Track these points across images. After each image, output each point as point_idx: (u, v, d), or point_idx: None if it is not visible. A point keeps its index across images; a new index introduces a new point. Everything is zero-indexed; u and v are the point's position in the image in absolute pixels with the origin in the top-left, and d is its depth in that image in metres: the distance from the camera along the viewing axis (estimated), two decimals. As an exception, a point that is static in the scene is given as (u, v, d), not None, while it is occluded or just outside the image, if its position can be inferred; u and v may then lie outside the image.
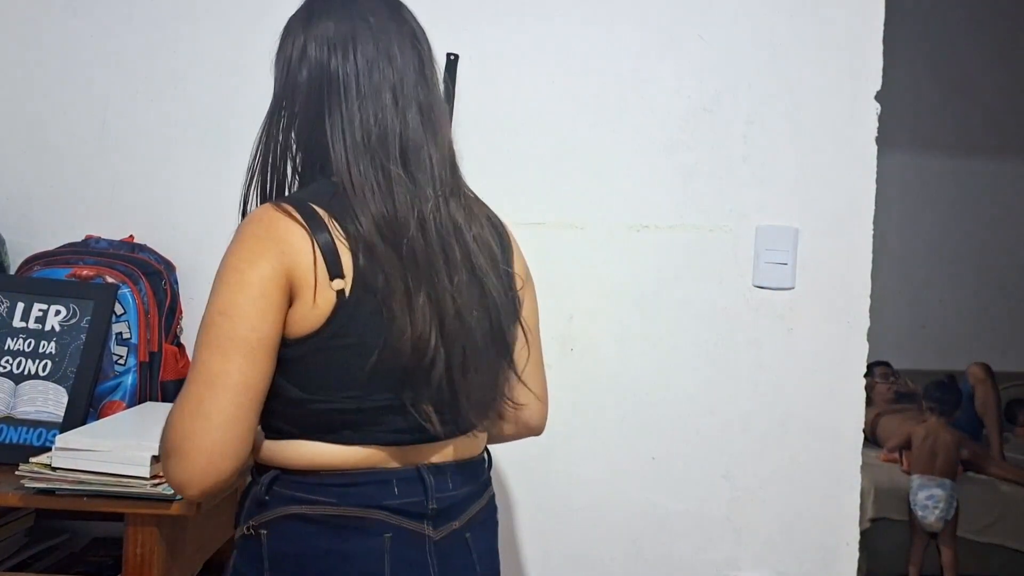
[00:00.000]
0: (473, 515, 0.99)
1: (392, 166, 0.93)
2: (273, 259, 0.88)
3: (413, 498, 0.93)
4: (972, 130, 4.41)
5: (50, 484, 1.18)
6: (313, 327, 0.89)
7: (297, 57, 0.98)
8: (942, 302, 4.39)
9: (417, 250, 0.91)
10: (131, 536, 1.19)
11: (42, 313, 1.42)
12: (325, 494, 0.91)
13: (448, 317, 0.92)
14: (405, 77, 0.96)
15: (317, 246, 0.89)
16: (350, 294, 0.89)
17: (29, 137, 1.64)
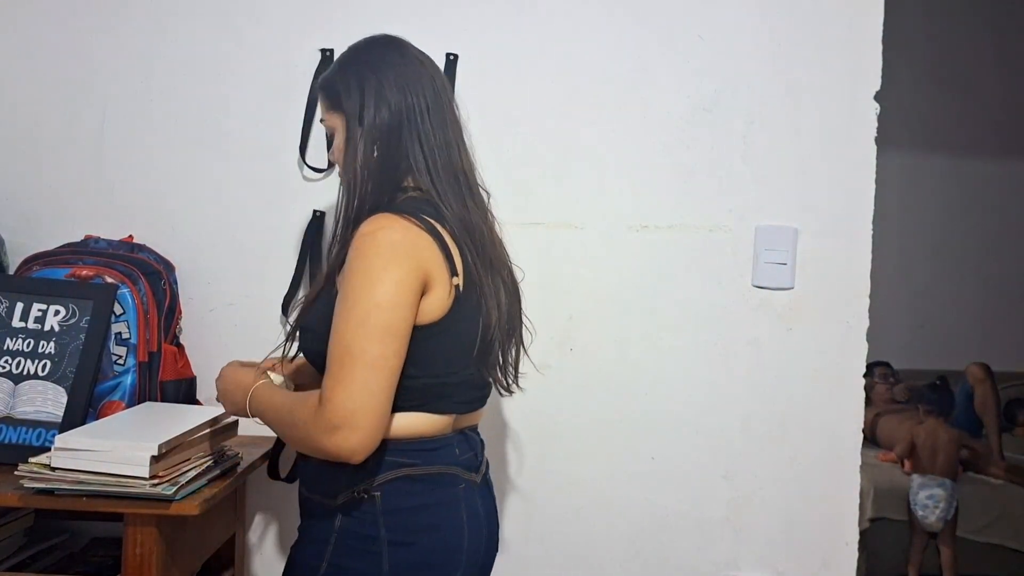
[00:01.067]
0: (487, 462, 1.25)
1: (460, 186, 1.17)
2: (413, 260, 1.06)
3: (468, 454, 1.17)
4: (971, 130, 4.41)
5: (49, 484, 1.18)
6: (437, 317, 1.09)
7: (377, 98, 1.15)
8: (941, 302, 4.39)
9: (487, 248, 1.17)
10: (130, 536, 1.19)
11: (41, 313, 1.42)
12: (422, 458, 1.12)
13: (502, 305, 1.18)
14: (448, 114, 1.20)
15: (439, 249, 1.10)
16: (463, 288, 1.11)
17: (29, 137, 1.64)
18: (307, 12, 1.63)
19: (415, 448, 1.11)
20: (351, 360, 1.01)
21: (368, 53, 1.19)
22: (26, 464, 1.19)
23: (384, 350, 1.02)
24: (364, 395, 1.01)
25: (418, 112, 1.15)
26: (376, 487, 1.09)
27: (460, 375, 1.14)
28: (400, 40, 1.23)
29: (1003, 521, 3.33)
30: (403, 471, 1.10)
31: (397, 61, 1.17)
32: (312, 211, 1.61)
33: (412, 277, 1.06)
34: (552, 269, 1.62)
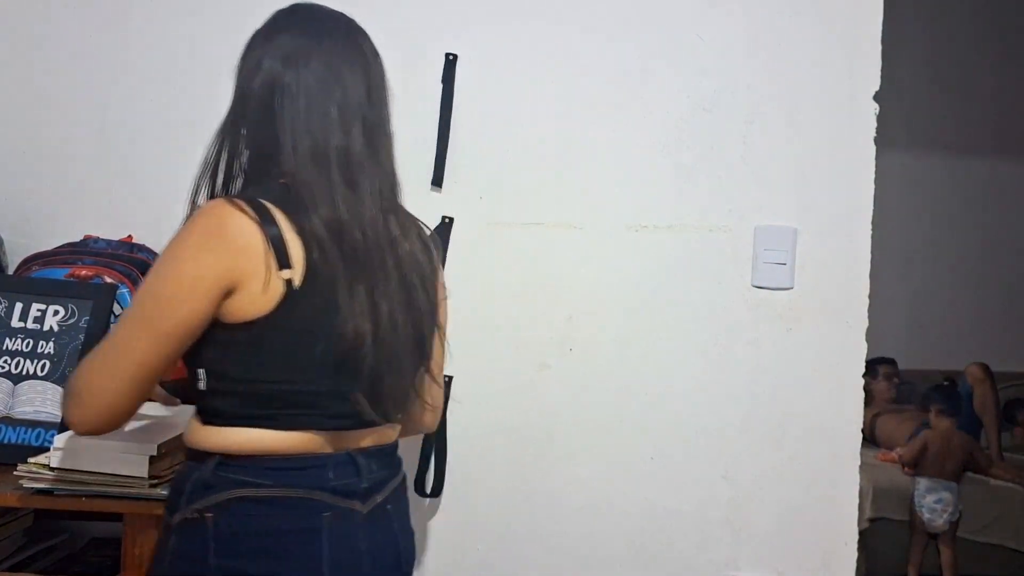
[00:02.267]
0: (392, 490, 1.10)
1: (335, 176, 1.02)
2: (219, 253, 0.98)
3: (347, 479, 1.04)
4: (971, 130, 4.41)
5: (48, 484, 1.18)
6: (261, 312, 0.98)
7: (254, 67, 1.07)
8: (941, 302, 4.39)
9: (359, 252, 1.01)
10: (129, 536, 1.19)
11: (40, 313, 1.42)
12: (270, 477, 1.00)
13: (382, 317, 1.02)
14: (351, 98, 1.05)
15: (267, 238, 0.98)
16: (300, 284, 0.99)
17: (28, 137, 1.64)
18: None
19: (262, 467, 1.00)
20: (109, 337, 1.01)
21: (275, 19, 1.10)
22: (25, 464, 1.19)
23: (137, 342, 0.97)
24: (100, 374, 0.98)
25: (297, 88, 1.03)
26: (210, 508, 0.99)
27: (316, 386, 1.01)
28: (316, 8, 1.12)
29: (1002, 521, 3.33)
30: (242, 491, 0.99)
31: (295, 30, 1.07)
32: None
33: (212, 272, 0.97)
34: (551, 269, 1.62)
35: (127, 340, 0.98)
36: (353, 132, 1.04)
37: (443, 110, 1.60)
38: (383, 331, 1.02)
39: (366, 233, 1.02)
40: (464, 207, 1.63)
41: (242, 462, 1.00)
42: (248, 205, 0.99)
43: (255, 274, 0.97)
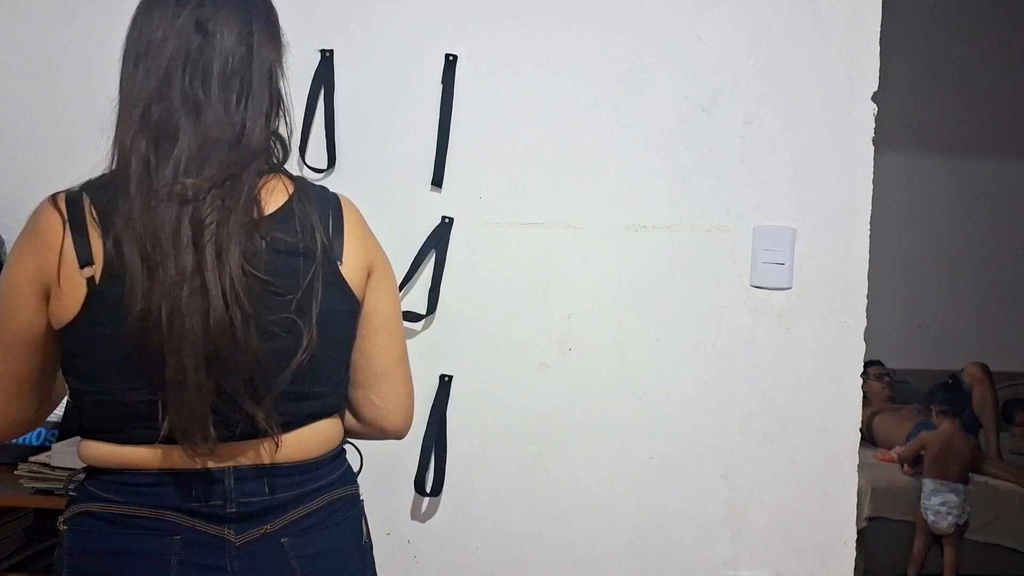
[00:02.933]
0: (296, 519, 0.95)
1: (140, 142, 0.91)
2: (32, 253, 0.92)
3: (212, 500, 0.92)
4: (969, 130, 4.42)
5: (49, 484, 1.18)
6: (71, 315, 0.91)
7: (127, 33, 0.99)
8: (939, 302, 4.39)
9: (149, 246, 0.88)
10: (130, 536, 1.19)
11: (41, 313, 1.41)
12: (118, 492, 0.92)
13: (175, 319, 0.88)
14: (175, 61, 0.93)
15: (70, 234, 0.90)
16: (100, 282, 0.90)
17: (28, 137, 1.64)
18: (307, 12, 1.63)
19: (111, 481, 0.93)
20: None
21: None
22: (25, 464, 1.19)
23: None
24: None
25: (130, 50, 0.96)
26: (67, 520, 0.95)
27: (139, 396, 0.90)
28: None
29: (1002, 521, 3.33)
30: (88, 506, 0.93)
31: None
32: (311, 211, 1.62)
33: (28, 274, 0.92)
34: (551, 269, 1.62)
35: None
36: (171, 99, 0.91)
37: (443, 110, 1.61)
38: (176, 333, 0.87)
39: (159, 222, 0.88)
40: (464, 207, 1.63)
41: (101, 476, 0.94)
42: (64, 199, 0.93)
43: (56, 274, 0.90)
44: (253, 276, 0.90)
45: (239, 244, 0.90)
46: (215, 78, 0.93)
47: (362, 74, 1.62)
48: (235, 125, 0.93)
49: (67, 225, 0.91)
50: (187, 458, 0.91)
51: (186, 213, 0.89)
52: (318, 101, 1.61)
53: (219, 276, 0.88)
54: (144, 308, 0.87)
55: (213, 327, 0.88)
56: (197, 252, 0.88)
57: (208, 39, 0.94)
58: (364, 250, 1.03)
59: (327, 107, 1.61)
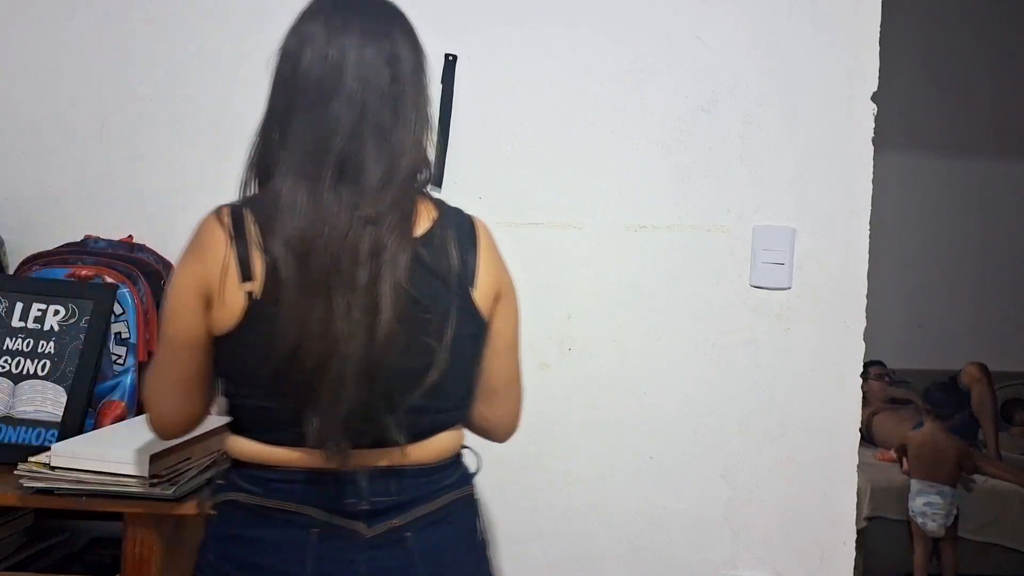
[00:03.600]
0: (419, 516, 1.01)
1: (326, 182, 0.95)
2: (197, 265, 0.98)
3: (347, 498, 0.98)
4: (968, 131, 4.42)
5: (49, 484, 1.18)
6: (229, 327, 0.96)
7: (276, 54, 1.03)
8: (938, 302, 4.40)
9: (328, 269, 0.93)
10: (130, 536, 1.19)
11: (41, 313, 1.42)
12: (262, 486, 0.99)
13: (341, 337, 0.93)
14: (368, 93, 0.98)
15: (234, 249, 0.95)
16: (260, 297, 0.95)
17: (28, 137, 1.64)
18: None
19: (255, 474, 1.00)
20: (156, 353, 1.08)
21: (307, 5, 1.06)
22: (25, 463, 1.19)
23: (164, 356, 1.02)
24: (153, 390, 1.05)
25: (296, 80, 0.98)
26: (214, 506, 1.02)
27: (287, 404, 0.96)
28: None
29: (1001, 521, 3.33)
30: (235, 496, 1.00)
31: (315, 14, 1.02)
32: (311, 211, 1.62)
33: (192, 282, 0.98)
34: (551, 269, 1.62)
35: (161, 357, 1.04)
36: (362, 132, 0.97)
37: (443, 110, 1.61)
38: (338, 361, 0.93)
39: (331, 247, 0.93)
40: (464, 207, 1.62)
41: (247, 468, 1.01)
42: (229, 214, 0.98)
43: (219, 287, 0.96)
44: (411, 298, 0.97)
45: (406, 268, 0.96)
46: (393, 104, 0.99)
47: (362, 74, 1.62)
48: (409, 150, 1.00)
49: (232, 241, 0.96)
50: (325, 460, 0.98)
51: (367, 236, 0.94)
52: (318, 101, 1.61)
53: (392, 299, 0.95)
54: (307, 329, 0.93)
55: (378, 347, 0.94)
56: (371, 275, 0.94)
57: (390, 66, 1.00)
58: (495, 276, 1.09)
59: (327, 107, 1.61)
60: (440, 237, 1.02)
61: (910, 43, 4.15)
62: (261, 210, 0.97)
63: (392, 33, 1.03)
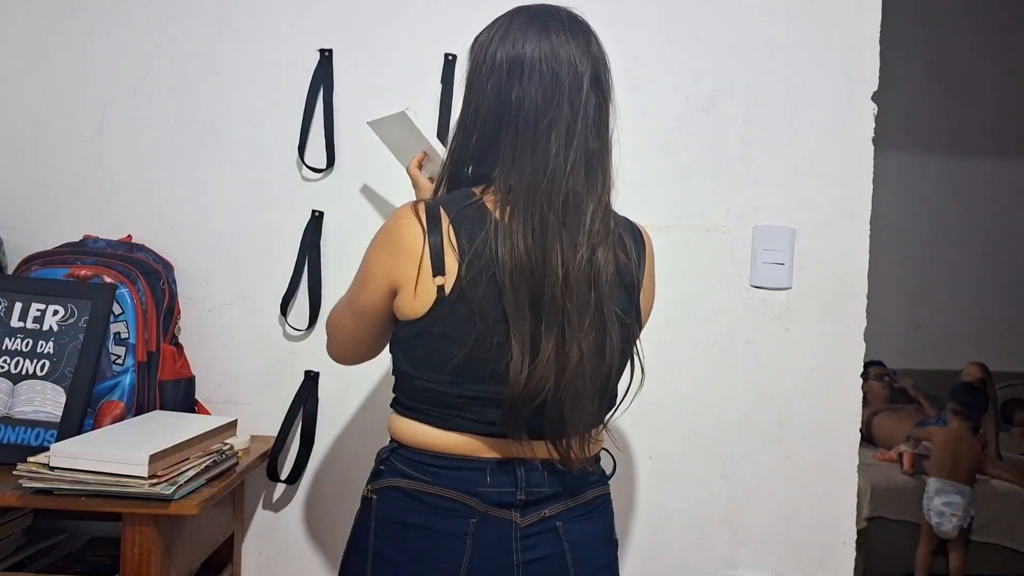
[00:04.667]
0: (567, 508, 1.08)
1: (551, 215, 1.00)
2: (388, 254, 1.05)
3: (505, 488, 1.04)
4: (968, 130, 4.42)
5: (48, 484, 1.18)
6: (417, 313, 1.03)
7: (484, 65, 1.07)
8: (938, 302, 4.40)
9: (556, 296, 0.99)
10: (129, 536, 1.19)
11: (40, 313, 1.42)
12: (425, 473, 1.04)
13: (570, 363, 1.00)
14: (579, 119, 1.02)
15: (428, 245, 1.01)
16: (450, 293, 1.01)
17: (27, 137, 1.64)
18: (306, 12, 1.63)
19: (419, 460, 1.05)
20: (346, 295, 1.15)
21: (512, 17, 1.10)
22: (24, 464, 1.19)
23: (347, 309, 1.13)
24: (333, 324, 1.18)
25: (521, 106, 1.02)
26: (376, 490, 1.08)
27: (464, 390, 1.02)
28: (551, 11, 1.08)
29: (1001, 521, 3.34)
30: (398, 481, 1.05)
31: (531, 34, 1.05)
32: (311, 211, 1.62)
33: (381, 270, 1.05)
34: (550, 269, 1.62)
35: (342, 306, 1.15)
36: (577, 165, 1.01)
37: (443, 110, 1.61)
38: (568, 376, 1.00)
39: (568, 279, 1.00)
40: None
41: (409, 453, 1.06)
42: (425, 211, 1.03)
43: (411, 277, 1.02)
44: (622, 321, 1.07)
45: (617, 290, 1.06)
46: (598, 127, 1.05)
47: (362, 74, 1.62)
48: (608, 166, 1.07)
49: (427, 237, 1.02)
50: (488, 448, 1.04)
51: (588, 272, 1.01)
52: (317, 101, 1.61)
53: (618, 329, 1.05)
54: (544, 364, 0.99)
55: (604, 368, 1.03)
56: (598, 294, 1.02)
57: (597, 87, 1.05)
58: (652, 286, 1.21)
59: (326, 107, 1.61)
60: (623, 248, 1.09)
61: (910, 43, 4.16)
62: (458, 211, 1.02)
63: (599, 59, 1.07)
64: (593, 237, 1.02)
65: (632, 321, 1.10)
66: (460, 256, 1.01)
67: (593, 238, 1.02)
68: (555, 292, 0.99)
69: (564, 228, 1.00)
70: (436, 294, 1.01)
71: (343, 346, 1.18)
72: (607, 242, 1.04)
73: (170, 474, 1.20)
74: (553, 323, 1.00)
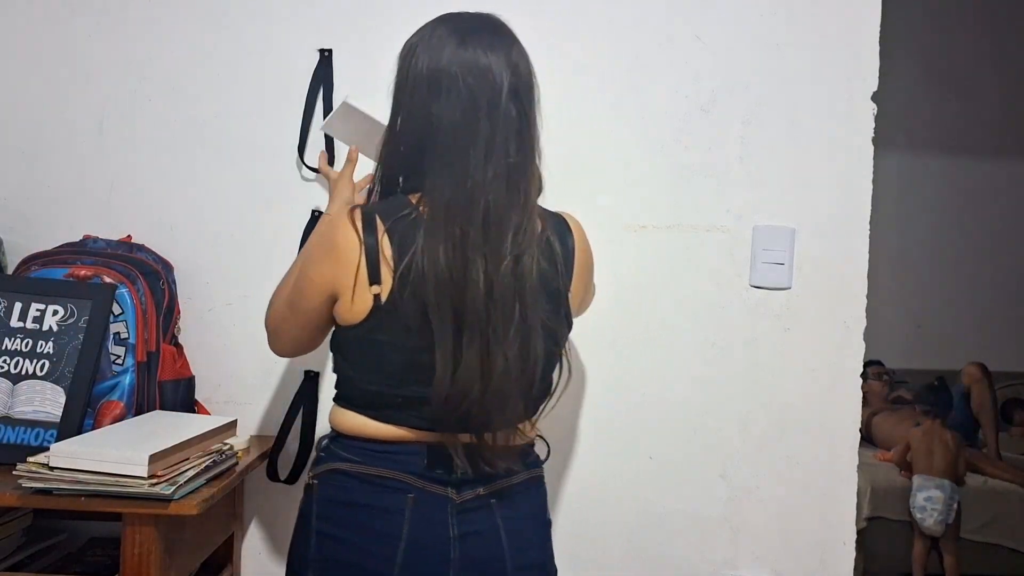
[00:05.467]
0: (501, 488, 1.14)
1: (471, 230, 1.03)
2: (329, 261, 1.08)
3: (439, 468, 1.10)
4: (968, 131, 4.42)
5: (47, 484, 1.18)
6: (356, 320, 1.08)
7: (411, 80, 1.08)
8: (938, 302, 4.40)
9: (478, 308, 1.03)
10: (128, 536, 1.19)
11: (40, 313, 1.42)
12: (364, 456, 1.10)
13: (495, 370, 1.05)
14: (497, 134, 1.04)
15: (364, 255, 1.05)
16: (386, 301, 1.05)
17: (27, 137, 1.64)
18: (306, 12, 1.63)
19: (357, 446, 1.11)
20: (284, 293, 1.19)
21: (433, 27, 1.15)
22: (24, 464, 1.19)
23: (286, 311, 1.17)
24: (272, 315, 1.21)
25: (441, 120, 1.05)
26: (317, 476, 1.13)
27: (405, 392, 1.08)
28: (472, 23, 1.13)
29: (1000, 521, 3.34)
30: (339, 465, 1.11)
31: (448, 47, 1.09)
32: (311, 211, 1.61)
33: (320, 279, 1.10)
34: (550, 269, 1.62)
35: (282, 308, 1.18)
36: (498, 180, 1.04)
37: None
38: (494, 383, 1.05)
39: (491, 291, 1.03)
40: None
41: (348, 441, 1.12)
42: (362, 219, 1.06)
43: (349, 286, 1.06)
44: (547, 328, 1.10)
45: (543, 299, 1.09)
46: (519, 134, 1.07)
47: (362, 74, 1.62)
48: (531, 176, 1.09)
49: (362, 246, 1.05)
50: (424, 436, 1.10)
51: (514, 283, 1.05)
52: (317, 100, 1.61)
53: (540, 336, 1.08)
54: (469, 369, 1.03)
55: (528, 373, 1.07)
56: (522, 304, 1.05)
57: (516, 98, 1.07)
58: (585, 280, 1.21)
59: (326, 107, 1.61)
60: (550, 251, 1.11)
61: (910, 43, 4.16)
62: (396, 223, 1.05)
63: (520, 69, 1.09)
64: (516, 248, 1.05)
65: (559, 325, 1.13)
66: (393, 267, 1.05)
67: (516, 249, 1.05)
68: (476, 304, 1.03)
69: (487, 242, 1.04)
70: (372, 302, 1.06)
71: (288, 345, 1.22)
72: (531, 251, 1.07)
73: (170, 474, 1.20)
74: (475, 334, 1.04)
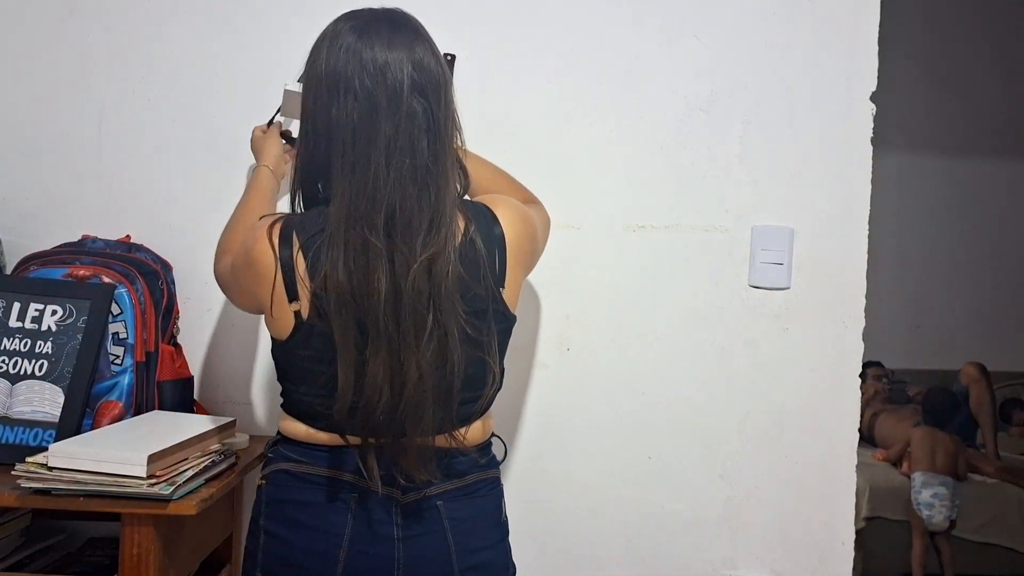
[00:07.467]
0: (450, 489, 1.13)
1: (373, 237, 1.00)
2: (249, 276, 1.09)
3: (384, 471, 1.08)
4: (967, 131, 4.43)
5: (46, 484, 1.18)
6: (282, 335, 1.08)
7: (314, 83, 1.06)
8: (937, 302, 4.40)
9: (380, 318, 1.00)
10: (127, 536, 1.19)
11: (38, 313, 1.42)
12: (309, 457, 1.11)
13: (409, 378, 1.02)
14: (400, 134, 1.00)
15: (280, 273, 1.04)
16: (307, 317, 1.05)
17: (26, 137, 1.64)
18: (305, 12, 1.62)
19: (302, 448, 1.12)
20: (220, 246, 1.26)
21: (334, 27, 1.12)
22: (23, 464, 1.19)
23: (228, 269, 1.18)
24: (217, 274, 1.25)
25: (340, 124, 1.02)
26: (265, 476, 1.15)
27: (332, 404, 1.05)
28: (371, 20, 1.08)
29: (999, 521, 3.34)
30: (284, 465, 1.13)
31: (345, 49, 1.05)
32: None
33: (246, 295, 1.13)
34: (549, 269, 1.62)
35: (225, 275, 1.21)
36: (404, 180, 1.00)
37: (441, 110, 1.61)
38: (407, 394, 1.03)
39: (399, 299, 1.00)
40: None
41: (294, 444, 1.13)
42: (280, 235, 1.06)
43: (268, 304, 1.06)
44: (466, 335, 1.06)
45: (460, 303, 1.04)
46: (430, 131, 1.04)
47: (360, 74, 1.62)
48: (445, 173, 1.05)
49: (278, 264, 1.04)
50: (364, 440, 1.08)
51: (423, 284, 1.01)
52: (316, 101, 1.61)
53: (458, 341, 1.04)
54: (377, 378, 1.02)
55: (447, 381, 1.05)
56: (437, 310, 1.02)
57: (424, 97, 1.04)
58: (526, 261, 1.17)
59: (325, 107, 1.61)
60: (473, 251, 1.07)
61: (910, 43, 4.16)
62: (312, 239, 1.03)
63: (425, 64, 1.05)
64: (428, 250, 1.01)
65: (484, 328, 1.08)
66: (309, 283, 1.03)
67: (428, 251, 1.01)
68: (378, 314, 1.00)
69: (394, 247, 1.00)
70: (294, 319, 1.05)
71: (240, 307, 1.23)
72: (446, 254, 1.02)
73: (169, 474, 1.19)
74: (381, 344, 1.01)
